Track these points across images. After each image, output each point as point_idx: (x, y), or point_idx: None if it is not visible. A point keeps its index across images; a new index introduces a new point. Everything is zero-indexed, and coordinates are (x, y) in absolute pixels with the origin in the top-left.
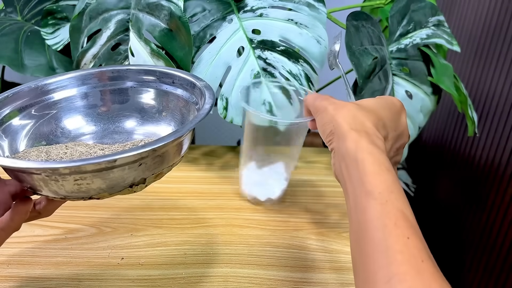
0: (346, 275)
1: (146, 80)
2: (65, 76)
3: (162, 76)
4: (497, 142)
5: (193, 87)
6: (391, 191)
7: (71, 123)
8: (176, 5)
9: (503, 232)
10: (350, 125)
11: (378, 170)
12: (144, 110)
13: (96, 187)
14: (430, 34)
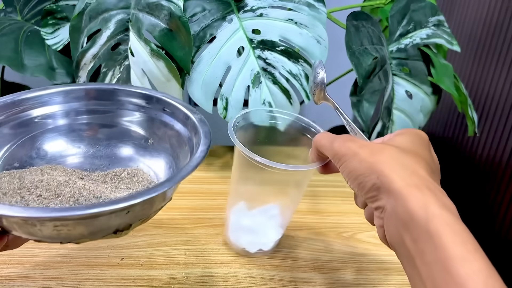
0: (346, 275)
1: (134, 103)
2: (45, 91)
3: (154, 101)
4: (497, 142)
5: (186, 118)
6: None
7: (48, 143)
8: (176, 5)
9: (503, 232)
10: (403, 179)
11: (466, 254)
12: (129, 135)
13: (77, 233)
14: (430, 34)
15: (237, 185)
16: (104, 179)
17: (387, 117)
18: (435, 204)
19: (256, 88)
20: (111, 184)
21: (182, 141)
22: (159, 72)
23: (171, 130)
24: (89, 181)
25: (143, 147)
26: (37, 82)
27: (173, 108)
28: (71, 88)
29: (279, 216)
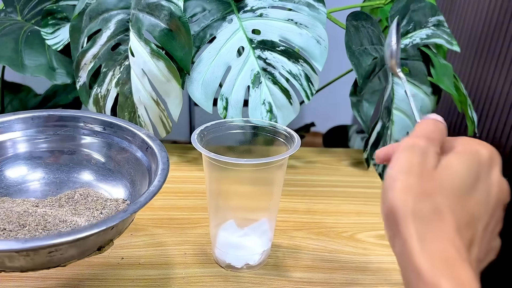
0: (346, 275)
1: (93, 129)
2: (6, 117)
3: (112, 127)
4: (497, 142)
5: (146, 148)
6: None
7: (8, 170)
8: (176, 5)
9: (502, 231)
10: (432, 263)
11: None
12: (88, 161)
13: (69, 256)
14: (430, 34)
15: (217, 201)
16: (59, 203)
17: (387, 117)
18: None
19: (256, 88)
20: (68, 208)
21: (140, 166)
22: (159, 72)
23: (130, 156)
24: (47, 208)
25: (101, 173)
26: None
27: (134, 137)
28: (32, 114)
29: (269, 231)
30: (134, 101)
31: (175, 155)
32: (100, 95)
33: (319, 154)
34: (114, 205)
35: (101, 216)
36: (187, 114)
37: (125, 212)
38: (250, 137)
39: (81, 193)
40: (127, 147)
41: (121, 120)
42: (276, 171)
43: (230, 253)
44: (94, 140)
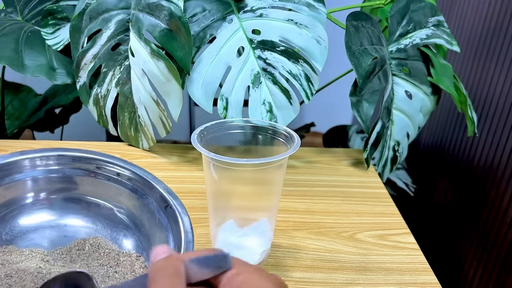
0: (346, 275)
1: (85, 168)
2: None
3: (112, 166)
4: (497, 142)
5: (150, 188)
6: None
7: (25, 218)
8: (176, 5)
9: (502, 232)
10: None
11: None
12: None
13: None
14: (429, 34)
15: (217, 201)
16: (71, 257)
17: (386, 117)
18: None
19: (256, 88)
20: (81, 263)
21: (155, 220)
22: (159, 72)
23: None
24: (59, 263)
25: (130, 233)
26: (37, 82)
27: (138, 180)
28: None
29: (269, 231)
30: (134, 101)
31: (175, 155)
32: (100, 95)
33: (319, 154)
34: (128, 261)
35: (116, 276)
36: (187, 114)
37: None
38: (250, 137)
39: (91, 243)
40: (144, 197)
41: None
42: (276, 171)
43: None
44: (83, 177)
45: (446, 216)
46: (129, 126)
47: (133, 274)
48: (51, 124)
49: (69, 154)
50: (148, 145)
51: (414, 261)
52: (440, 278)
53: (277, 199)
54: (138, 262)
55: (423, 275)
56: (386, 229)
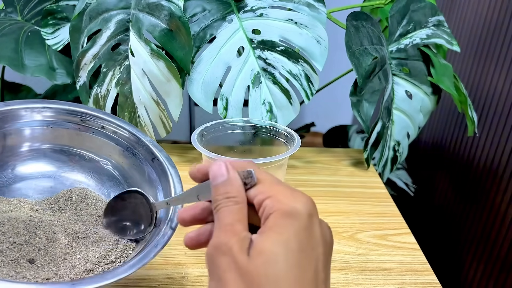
0: (346, 275)
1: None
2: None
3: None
4: (497, 142)
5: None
6: None
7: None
8: (176, 5)
9: (502, 232)
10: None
11: None
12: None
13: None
14: (430, 34)
15: None
16: (59, 207)
17: (387, 117)
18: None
19: (256, 88)
20: (69, 213)
21: (152, 185)
22: (159, 72)
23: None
24: (48, 213)
25: (116, 182)
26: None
27: (157, 163)
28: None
29: None
30: (134, 101)
31: (175, 155)
32: (100, 95)
33: (319, 154)
34: None
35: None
36: (187, 114)
37: (156, 247)
38: (250, 137)
39: (78, 194)
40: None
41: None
42: (277, 171)
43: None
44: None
45: (446, 216)
46: None
47: None
48: None
49: (54, 106)
50: None
51: (415, 261)
52: (440, 278)
53: None
54: None
55: (423, 275)
56: (386, 229)
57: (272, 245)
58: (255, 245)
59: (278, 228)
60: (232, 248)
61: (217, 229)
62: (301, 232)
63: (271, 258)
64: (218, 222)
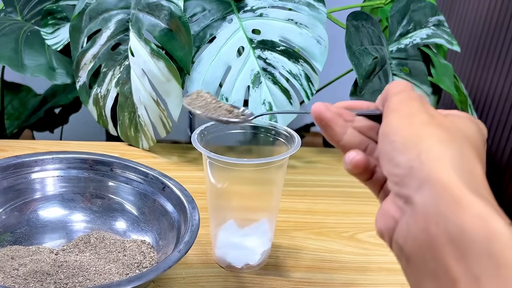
0: (346, 275)
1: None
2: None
3: (153, 180)
4: (497, 142)
5: (183, 209)
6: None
7: (42, 211)
8: (176, 5)
9: None
10: (463, 180)
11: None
12: (121, 209)
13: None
14: (430, 34)
15: (217, 201)
16: (79, 249)
17: None
18: (498, 220)
19: (256, 88)
20: (90, 253)
21: (171, 224)
22: (159, 72)
23: (163, 210)
24: (71, 255)
25: (132, 222)
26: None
27: (172, 194)
28: (68, 156)
29: (269, 232)
30: (134, 101)
31: (175, 155)
32: (100, 95)
33: (319, 154)
34: (134, 246)
35: (125, 258)
36: (187, 114)
37: (179, 252)
38: (250, 137)
39: (96, 237)
40: (163, 204)
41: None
42: (277, 171)
43: (230, 253)
44: (130, 189)
45: None
46: (129, 126)
47: (142, 254)
48: (51, 124)
49: (63, 156)
50: (148, 145)
51: None
52: None
53: (278, 199)
54: (144, 245)
55: None
56: None
57: (463, 125)
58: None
59: (466, 120)
60: (424, 101)
61: (393, 100)
62: (482, 139)
63: (460, 122)
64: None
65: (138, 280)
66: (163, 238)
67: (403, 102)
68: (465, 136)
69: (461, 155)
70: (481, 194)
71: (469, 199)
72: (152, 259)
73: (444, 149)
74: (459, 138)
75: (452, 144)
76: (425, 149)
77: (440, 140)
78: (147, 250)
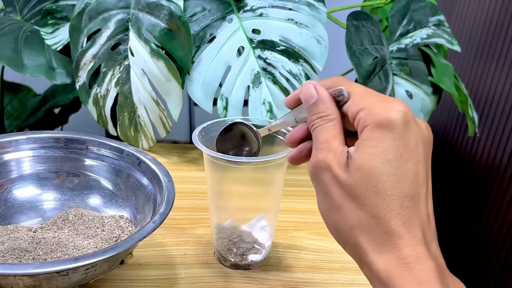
0: (346, 275)
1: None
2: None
3: (129, 156)
4: (498, 142)
5: (158, 182)
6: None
7: (17, 190)
8: (176, 4)
9: (503, 232)
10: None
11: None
12: (97, 186)
13: (99, 271)
14: (430, 34)
15: (218, 201)
16: (57, 226)
17: None
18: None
19: (256, 88)
20: (68, 229)
21: (148, 198)
22: (159, 72)
23: (139, 185)
24: (49, 232)
25: (109, 198)
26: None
27: (147, 169)
28: (42, 135)
29: (268, 227)
30: (134, 101)
31: (175, 155)
32: (99, 95)
33: None
34: (112, 221)
35: (104, 233)
36: (187, 114)
37: (154, 223)
38: None
39: (74, 214)
40: (139, 178)
41: (141, 153)
42: (277, 170)
43: (231, 252)
44: (104, 165)
45: (446, 216)
46: (129, 126)
47: (120, 229)
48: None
49: (37, 136)
50: (148, 145)
51: None
52: None
53: (278, 198)
54: (122, 220)
55: None
56: None
57: (369, 159)
58: (353, 160)
59: (373, 141)
60: (331, 164)
61: (315, 148)
62: (396, 142)
63: (369, 171)
64: (315, 140)
65: (113, 250)
66: (141, 212)
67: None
68: (375, 186)
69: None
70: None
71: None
72: (131, 233)
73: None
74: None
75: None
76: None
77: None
78: (125, 224)
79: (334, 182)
